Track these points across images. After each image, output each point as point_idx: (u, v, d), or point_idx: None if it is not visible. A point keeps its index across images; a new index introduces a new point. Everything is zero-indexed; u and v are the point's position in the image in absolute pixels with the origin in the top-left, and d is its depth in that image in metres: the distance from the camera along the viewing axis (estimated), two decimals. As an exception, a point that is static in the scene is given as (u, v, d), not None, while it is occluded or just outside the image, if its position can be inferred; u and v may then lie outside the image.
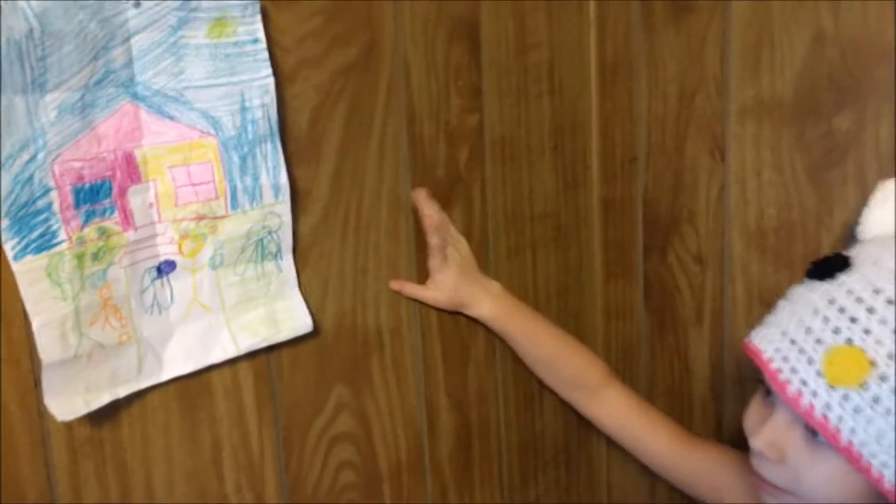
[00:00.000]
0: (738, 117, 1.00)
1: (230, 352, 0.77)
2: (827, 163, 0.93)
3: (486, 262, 0.97)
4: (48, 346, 0.66)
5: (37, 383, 0.68)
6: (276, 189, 0.77)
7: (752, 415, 0.74)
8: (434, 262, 0.89)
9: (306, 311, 0.81)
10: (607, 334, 1.13)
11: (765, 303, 0.98)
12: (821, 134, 0.94)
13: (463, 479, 0.98)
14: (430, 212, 0.88)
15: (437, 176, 0.92)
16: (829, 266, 0.70)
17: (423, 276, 0.91)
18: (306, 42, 0.79)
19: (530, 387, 1.04)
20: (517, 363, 1.01)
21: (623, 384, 0.97)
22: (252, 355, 0.79)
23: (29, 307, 0.65)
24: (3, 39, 0.61)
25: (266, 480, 0.82)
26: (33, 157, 0.65)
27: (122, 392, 0.72)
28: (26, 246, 0.65)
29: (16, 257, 0.65)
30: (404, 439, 0.92)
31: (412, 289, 0.90)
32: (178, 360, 0.75)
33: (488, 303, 0.94)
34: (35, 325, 0.66)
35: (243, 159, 0.74)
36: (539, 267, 1.03)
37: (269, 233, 0.78)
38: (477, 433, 0.99)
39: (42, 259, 0.66)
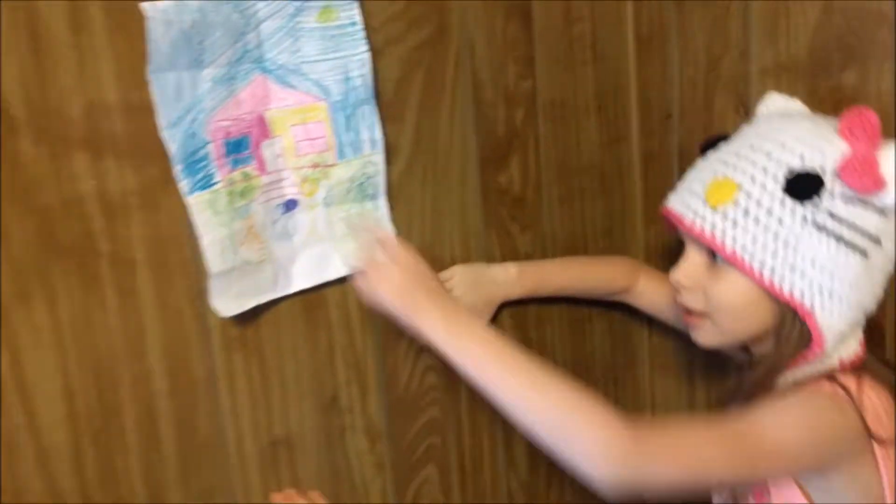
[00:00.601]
0: (759, 77, 1.16)
1: (340, 272, 0.98)
2: (836, 113, 1.08)
3: (539, 207, 1.16)
4: (212, 259, 0.88)
5: (200, 292, 0.89)
6: (373, 142, 0.96)
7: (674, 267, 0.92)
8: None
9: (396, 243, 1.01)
10: (649, 270, 1.30)
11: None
12: (831, 88, 1.09)
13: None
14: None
15: (497, 133, 1.10)
16: (713, 140, 0.92)
17: (488, 218, 1.10)
18: (391, 23, 0.98)
19: (581, 313, 1.22)
20: (570, 291, 1.20)
21: (647, 272, 1.14)
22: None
23: (198, 230, 0.87)
24: (177, 30, 0.83)
25: (368, 377, 1.03)
26: (195, 118, 0.86)
27: (263, 299, 0.93)
28: (195, 185, 0.87)
29: (189, 193, 0.86)
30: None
31: None
32: (302, 277, 0.96)
33: (517, 289, 1.08)
34: (203, 243, 0.87)
35: (347, 119, 0.95)
36: (586, 212, 1.21)
37: (368, 178, 0.98)
38: (536, 349, 1.18)
39: (206, 195, 0.87)
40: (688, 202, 0.88)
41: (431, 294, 0.83)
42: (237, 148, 0.90)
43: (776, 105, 0.96)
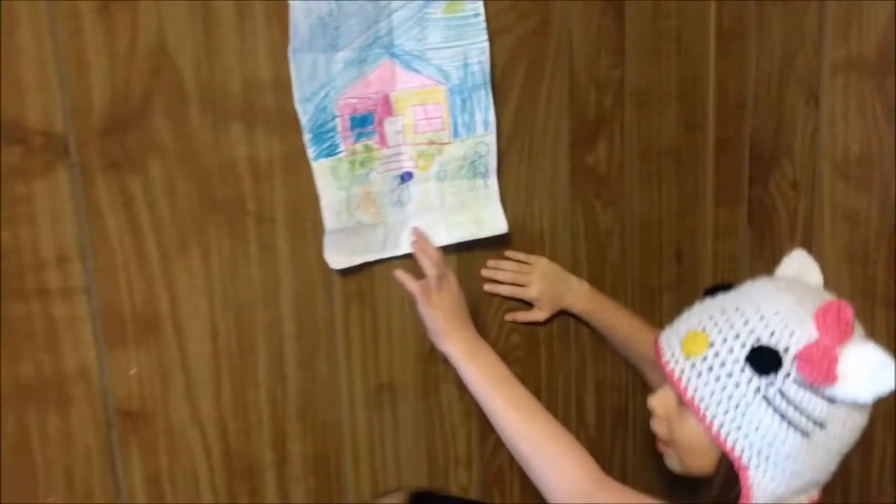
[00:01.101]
0: (830, 72, 1.24)
1: (445, 241, 1.09)
2: (903, 109, 1.17)
3: (621, 186, 1.26)
4: (329, 218, 0.99)
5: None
6: (486, 124, 1.07)
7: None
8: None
9: (504, 219, 1.11)
10: (715, 250, 1.40)
11: (847, 220, 1.23)
12: (897, 85, 1.17)
13: (598, 351, 1.28)
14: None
15: (588, 116, 1.20)
16: (717, 288, 0.97)
17: (575, 194, 1.20)
18: (502, 15, 1.08)
19: (652, 283, 1.32)
20: (644, 265, 1.30)
21: None
22: (458, 245, 1.11)
23: (319, 192, 0.98)
24: (315, 16, 0.94)
25: (463, 333, 1.14)
26: (326, 95, 0.97)
27: (371, 258, 1.04)
28: (320, 152, 0.98)
29: (314, 159, 0.98)
30: (556, 315, 1.22)
31: (523, 315, 1.17)
32: (410, 242, 1.07)
33: (581, 303, 1.20)
34: (322, 203, 0.99)
35: (463, 101, 1.05)
36: (663, 192, 1.31)
37: (480, 157, 1.08)
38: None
39: (329, 162, 0.99)
40: (670, 342, 0.95)
41: (465, 323, 1.01)
42: (362, 123, 1.01)
43: (798, 262, 1.00)
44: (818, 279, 0.99)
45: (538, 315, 1.19)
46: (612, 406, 1.32)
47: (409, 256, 1.07)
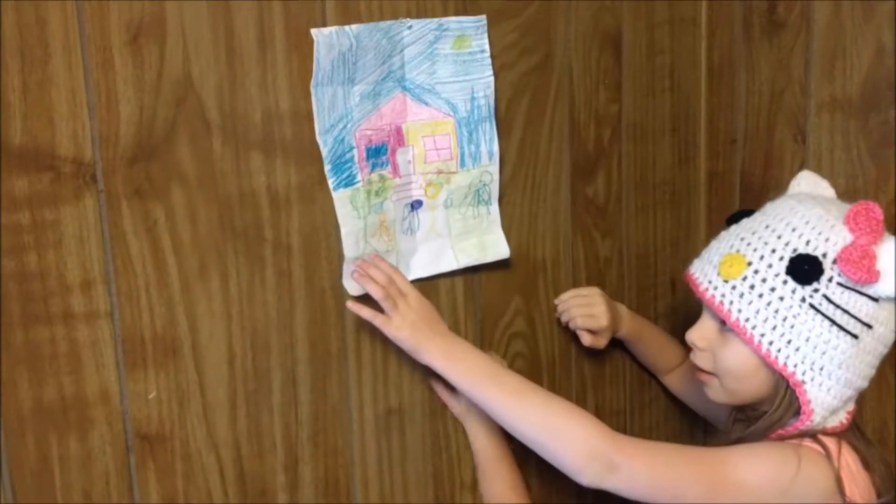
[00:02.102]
0: (816, 110, 1.30)
1: (453, 265, 1.12)
2: (884, 144, 1.23)
3: (619, 217, 1.30)
4: (347, 246, 1.02)
5: (340, 277, 1.04)
6: (490, 154, 1.11)
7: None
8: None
9: (506, 244, 1.15)
10: (707, 279, 1.44)
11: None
12: (880, 123, 1.23)
13: (598, 377, 1.31)
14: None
15: (587, 150, 1.24)
16: (739, 214, 1.01)
17: (575, 224, 1.24)
18: (506, 52, 1.13)
19: (648, 311, 1.36)
20: (641, 294, 1.34)
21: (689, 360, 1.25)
22: (464, 270, 1.14)
23: (340, 221, 1.01)
24: (337, 51, 0.97)
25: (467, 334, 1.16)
26: (345, 127, 1.01)
27: (386, 285, 1.07)
28: (339, 182, 1.01)
29: (334, 188, 1.01)
30: (558, 341, 1.25)
31: (590, 339, 1.19)
32: (419, 268, 1.10)
33: (626, 325, 1.23)
34: (343, 232, 1.02)
35: (470, 133, 1.09)
36: (658, 222, 1.35)
37: (484, 185, 1.12)
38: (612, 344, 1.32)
39: (348, 191, 1.02)
40: (705, 271, 0.97)
41: (436, 330, 1.00)
42: (377, 153, 1.04)
43: (807, 183, 1.05)
44: (831, 193, 1.02)
45: (600, 342, 1.20)
46: (613, 427, 1.34)
47: (418, 282, 1.11)
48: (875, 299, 0.90)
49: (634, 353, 1.30)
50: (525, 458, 1.14)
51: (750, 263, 0.93)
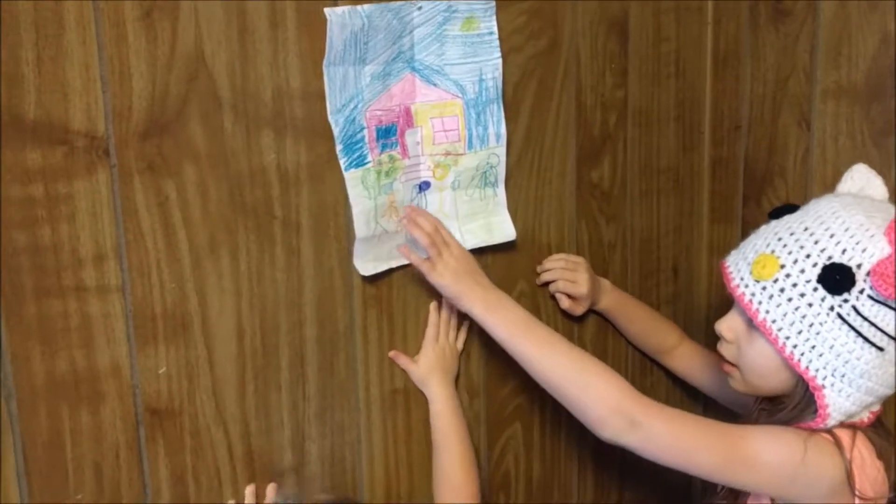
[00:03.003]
0: (821, 97, 1.31)
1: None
2: (887, 131, 1.24)
3: (623, 202, 1.31)
4: (359, 227, 1.03)
5: (348, 255, 1.04)
6: (498, 136, 1.12)
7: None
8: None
9: (512, 226, 1.16)
10: (710, 266, 1.45)
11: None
12: (883, 110, 1.24)
13: (601, 348, 1.31)
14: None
15: (593, 134, 1.25)
16: (782, 210, 1.01)
17: (580, 208, 1.25)
18: (514, 35, 1.13)
19: (651, 296, 1.37)
20: (644, 279, 1.35)
21: (689, 341, 1.29)
22: (470, 252, 1.14)
23: (351, 201, 1.02)
24: (349, 31, 0.98)
25: (472, 339, 1.17)
26: (356, 107, 1.01)
27: (394, 264, 1.08)
28: (351, 162, 1.02)
29: (346, 169, 1.01)
30: (562, 324, 1.26)
31: (568, 304, 1.21)
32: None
33: (606, 298, 1.26)
34: (354, 212, 1.02)
35: (478, 115, 1.10)
36: (661, 208, 1.36)
37: (491, 167, 1.13)
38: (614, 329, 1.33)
39: (359, 172, 1.02)
40: (739, 267, 0.97)
41: (477, 280, 1.04)
42: (386, 134, 1.05)
43: (860, 178, 1.01)
44: (882, 192, 1.00)
45: (578, 309, 1.23)
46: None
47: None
48: None
49: (625, 334, 1.31)
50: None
51: (783, 266, 0.93)
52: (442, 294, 1.04)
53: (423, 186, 1.10)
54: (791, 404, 0.96)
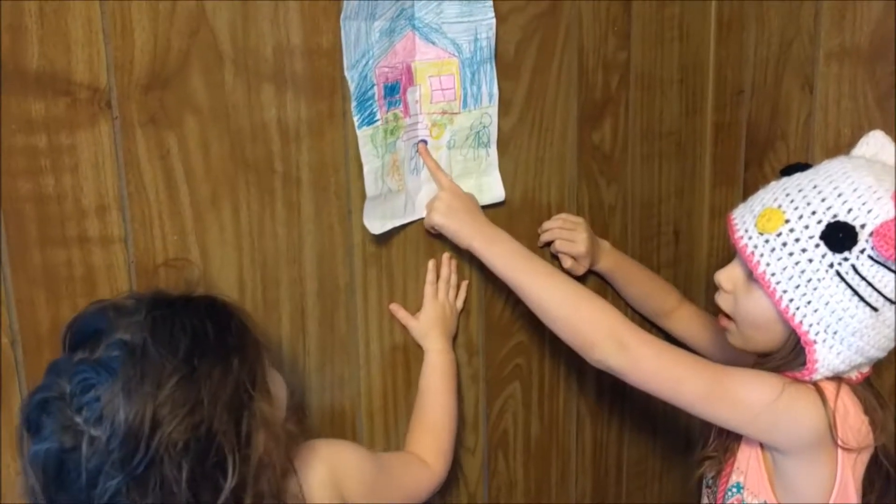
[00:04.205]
0: (825, 60, 1.31)
1: (454, 206, 1.14)
2: (890, 94, 1.24)
3: (624, 165, 1.31)
4: (368, 185, 1.04)
5: (349, 213, 1.06)
6: (490, 96, 1.12)
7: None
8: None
9: (502, 187, 1.17)
10: (711, 230, 1.45)
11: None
12: (887, 73, 1.24)
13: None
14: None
15: (595, 96, 1.26)
16: (793, 167, 1.02)
17: (581, 170, 1.26)
18: (516, -5, 1.14)
19: (651, 260, 1.38)
20: (644, 243, 1.36)
21: (688, 304, 1.30)
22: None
23: (363, 159, 1.03)
24: (356, -13, 0.99)
25: (471, 298, 1.19)
26: (367, 63, 1.02)
27: (397, 223, 1.09)
28: (363, 120, 1.03)
29: (359, 126, 1.02)
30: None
31: (570, 264, 1.22)
32: (423, 208, 1.12)
33: (605, 259, 1.26)
34: (365, 170, 1.04)
35: (473, 74, 1.10)
36: (663, 172, 1.36)
37: (484, 127, 1.14)
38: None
39: (370, 130, 1.04)
40: (744, 219, 0.99)
41: (472, 214, 1.10)
42: (392, 92, 1.06)
43: (875, 143, 1.02)
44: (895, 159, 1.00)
45: (578, 269, 1.24)
46: (610, 377, 1.36)
47: (420, 221, 1.13)
48: None
49: (624, 296, 1.32)
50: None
51: (787, 221, 0.94)
52: (442, 233, 1.09)
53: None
54: (780, 355, 0.98)
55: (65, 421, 0.76)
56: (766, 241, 0.95)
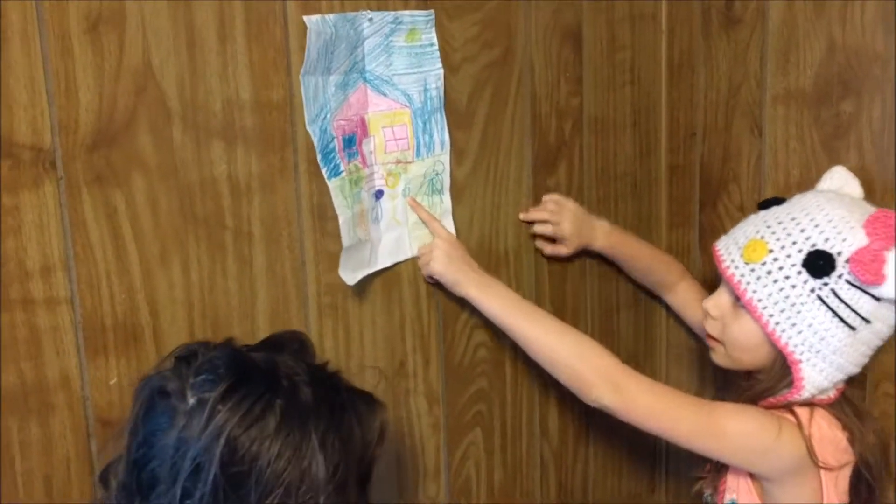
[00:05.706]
0: (771, 103, 1.33)
1: (408, 254, 1.14)
2: (836, 136, 1.26)
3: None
4: (344, 235, 1.05)
5: (302, 265, 1.05)
6: (443, 143, 1.13)
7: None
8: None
9: (455, 233, 1.17)
10: (669, 270, 1.46)
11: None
12: (831, 115, 1.26)
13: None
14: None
15: (549, 141, 1.27)
16: (769, 202, 1.09)
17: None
18: (467, 45, 1.15)
19: (610, 301, 1.38)
20: (603, 284, 1.36)
21: (690, 280, 1.35)
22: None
23: (336, 210, 1.04)
24: (322, 40, 0.99)
25: (431, 346, 1.19)
26: (325, 116, 1.02)
27: (365, 273, 1.09)
28: (330, 172, 1.03)
29: (328, 178, 1.03)
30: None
31: (551, 248, 1.25)
32: (384, 257, 1.12)
33: (602, 239, 1.29)
34: (339, 221, 1.04)
35: (425, 123, 1.11)
36: (619, 214, 1.38)
37: (437, 174, 1.14)
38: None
39: (338, 181, 1.04)
40: (730, 250, 1.06)
41: (469, 263, 1.14)
42: (349, 144, 1.06)
43: (838, 179, 1.10)
44: (859, 191, 1.09)
45: (563, 250, 1.26)
46: (574, 420, 1.37)
47: (383, 271, 1.12)
48: (877, 299, 0.99)
49: (627, 271, 1.35)
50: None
51: (771, 251, 1.02)
52: (440, 282, 1.13)
53: (379, 195, 1.11)
54: (769, 376, 1.05)
55: None
56: (752, 270, 1.02)
